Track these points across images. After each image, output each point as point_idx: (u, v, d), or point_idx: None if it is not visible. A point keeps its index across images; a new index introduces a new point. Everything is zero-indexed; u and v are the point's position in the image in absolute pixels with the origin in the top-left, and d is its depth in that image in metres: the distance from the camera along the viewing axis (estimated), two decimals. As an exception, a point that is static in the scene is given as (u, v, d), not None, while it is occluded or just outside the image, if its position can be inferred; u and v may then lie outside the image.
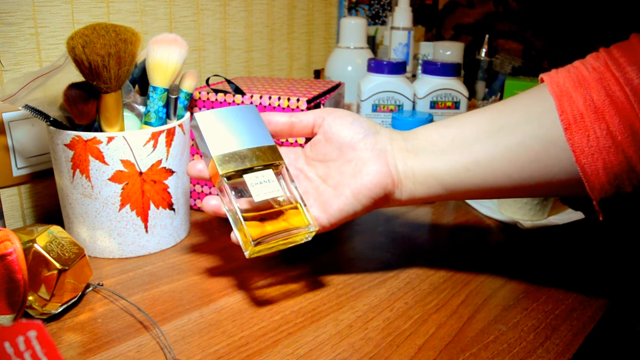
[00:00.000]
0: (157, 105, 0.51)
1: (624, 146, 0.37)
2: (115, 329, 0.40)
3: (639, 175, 0.38)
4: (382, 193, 0.44)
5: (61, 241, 0.42)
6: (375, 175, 0.44)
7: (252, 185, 0.43)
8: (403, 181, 0.45)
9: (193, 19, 0.75)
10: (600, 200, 0.39)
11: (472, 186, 0.43)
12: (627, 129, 0.37)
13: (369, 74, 0.75)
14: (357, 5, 1.03)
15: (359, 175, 0.44)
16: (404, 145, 0.45)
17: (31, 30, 0.58)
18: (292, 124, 0.47)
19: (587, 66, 0.40)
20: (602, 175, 0.38)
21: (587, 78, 0.39)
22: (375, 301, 0.45)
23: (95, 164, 0.48)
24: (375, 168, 0.44)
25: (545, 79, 0.42)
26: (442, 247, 0.56)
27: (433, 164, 0.44)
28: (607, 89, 0.38)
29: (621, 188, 0.38)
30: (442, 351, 0.39)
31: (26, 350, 0.23)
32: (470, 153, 0.43)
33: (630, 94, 0.37)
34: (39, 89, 0.50)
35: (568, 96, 0.39)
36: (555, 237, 0.58)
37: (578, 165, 0.39)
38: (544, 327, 0.42)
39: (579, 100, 0.39)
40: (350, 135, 0.45)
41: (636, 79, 0.37)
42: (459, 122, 0.45)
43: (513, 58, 1.03)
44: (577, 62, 0.42)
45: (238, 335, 0.40)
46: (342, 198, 0.45)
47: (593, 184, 0.39)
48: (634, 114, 0.37)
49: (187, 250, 0.53)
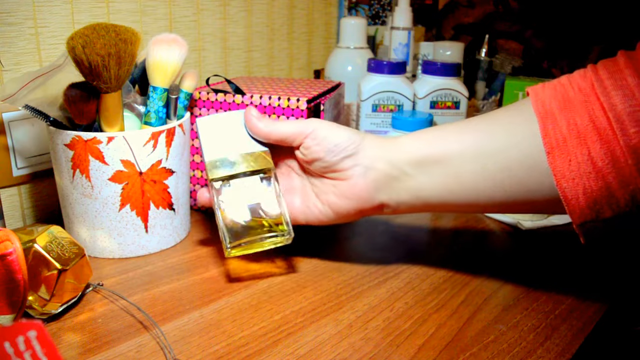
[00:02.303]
0: (157, 105, 0.51)
1: (604, 172, 0.37)
2: (115, 329, 0.40)
3: (618, 201, 0.37)
4: (360, 214, 0.47)
5: (61, 241, 0.42)
6: (355, 199, 0.46)
7: (238, 189, 0.47)
8: (385, 202, 0.46)
9: (193, 19, 0.75)
10: (580, 224, 0.39)
11: (454, 205, 0.45)
12: (608, 156, 0.37)
13: (369, 74, 0.75)
14: (357, 5, 1.03)
15: (339, 196, 0.46)
16: (387, 169, 0.45)
17: (31, 30, 0.58)
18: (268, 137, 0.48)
19: (573, 86, 0.40)
20: (582, 200, 0.38)
21: (573, 100, 0.39)
22: (375, 301, 0.45)
23: (95, 164, 0.48)
24: (355, 192, 0.45)
25: (531, 95, 0.42)
26: (442, 247, 0.56)
27: (418, 186, 0.44)
28: (590, 114, 0.38)
29: (601, 213, 0.38)
30: (442, 351, 0.39)
31: (26, 350, 0.23)
32: (455, 176, 0.43)
33: (613, 120, 0.37)
34: (39, 88, 0.50)
35: (552, 118, 0.39)
36: (555, 237, 0.58)
37: (559, 189, 0.39)
38: (544, 327, 0.42)
39: (562, 124, 0.39)
40: (328, 161, 0.46)
41: (620, 105, 0.37)
42: (443, 141, 0.44)
43: (513, 58, 1.03)
44: (564, 78, 0.41)
45: (238, 335, 0.40)
46: (321, 208, 0.47)
47: (573, 207, 0.39)
48: (616, 140, 0.36)
49: (187, 250, 0.53)
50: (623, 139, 0.36)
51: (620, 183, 0.37)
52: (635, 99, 0.36)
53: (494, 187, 0.42)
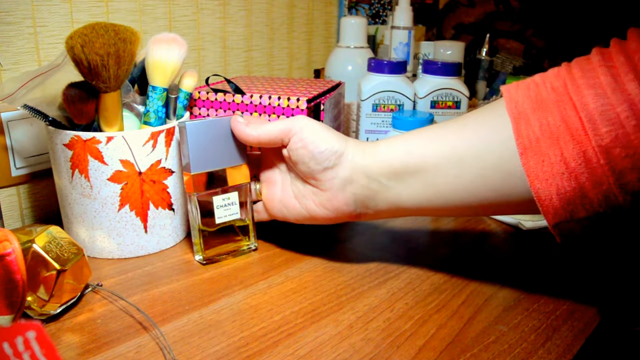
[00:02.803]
0: (156, 104, 0.51)
1: (577, 173, 0.37)
2: (115, 330, 0.40)
3: (592, 202, 0.37)
4: (337, 221, 0.48)
5: (60, 241, 0.42)
6: (333, 211, 0.47)
7: (217, 207, 0.49)
8: (363, 213, 0.47)
9: (192, 18, 0.75)
10: (555, 224, 0.39)
11: (432, 211, 0.45)
12: (581, 156, 0.36)
13: (369, 74, 0.75)
14: (358, 4, 1.03)
15: (318, 205, 0.47)
16: (365, 183, 0.45)
17: (30, 29, 0.58)
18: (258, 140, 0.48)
19: (546, 85, 0.40)
20: (556, 201, 0.38)
21: (546, 100, 0.39)
22: (375, 302, 0.45)
23: (94, 164, 0.48)
24: (333, 204, 0.46)
25: (505, 96, 0.41)
26: (442, 248, 0.56)
27: (395, 197, 0.45)
28: (563, 114, 0.37)
29: (575, 213, 0.38)
30: (442, 352, 0.39)
31: (25, 351, 0.22)
32: (432, 186, 0.43)
33: (585, 119, 0.36)
34: (38, 88, 0.49)
35: (525, 119, 0.39)
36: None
37: (532, 190, 0.38)
38: (545, 328, 0.42)
39: (535, 125, 0.38)
40: (310, 167, 0.46)
41: (592, 104, 0.36)
42: (419, 149, 0.44)
43: (514, 57, 1.03)
44: (538, 77, 0.41)
45: (238, 335, 0.40)
46: (299, 210, 0.48)
47: (547, 208, 0.38)
48: (588, 140, 0.36)
49: (186, 251, 0.53)
50: (595, 139, 0.36)
51: (593, 183, 0.36)
52: (607, 97, 0.36)
53: (471, 194, 0.42)
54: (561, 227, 0.39)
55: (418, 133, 0.45)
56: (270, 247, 0.54)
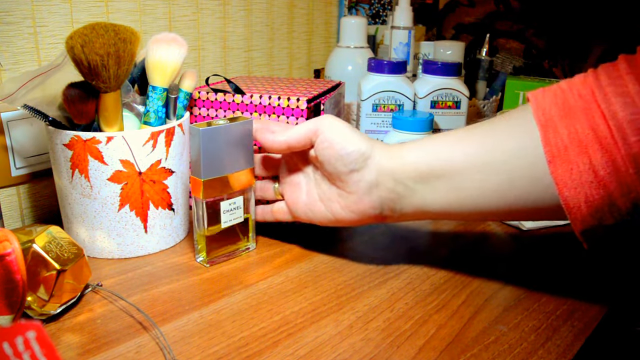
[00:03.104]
0: (156, 104, 0.51)
1: (605, 181, 0.37)
2: (115, 330, 0.40)
3: (620, 209, 0.37)
4: (361, 223, 0.48)
5: (60, 241, 0.42)
6: (359, 214, 0.47)
7: (224, 212, 0.49)
8: (388, 215, 0.46)
9: (192, 18, 0.75)
10: (583, 231, 0.39)
11: (457, 215, 0.45)
12: (610, 165, 0.36)
13: (369, 74, 0.75)
14: (358, 4, 1.03)
15: (344, 208, 0.47)
16: (391, 186, 0.45)
17: (30, 29, 0.58)
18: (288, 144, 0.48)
19: (573, 92, 0.40)
20: (584, 209, 0.38)
21: (573, 107, 0.39)
22: (375, 302, 0.45)
23: (94, 164, 0.48)
24: (359, 207, 0.46)
25: (532, 103, 0.41)
26: (443, 247, 0.56)
27: (421, 201, 0.45)
28: (591, 122, 0.37)
29: (603, 220, 0.38)
30: (442, 352, 0.39)
31: (25, 351, 0.22)
32: (458, 191, 0.43)
33: (614, 128, 0.36)
34: (38, 88, 0.49)
35: (553, 127, 0.39)
36: (557, 237, 0.58)
37: (561, 198, 0.38)
38: (545, 328, 0.42)
39: (563, 132, 0.38)
40: (337, 168, 0.46)
41: (621, 112, 0.36)
42: (448, 151, 0.44)
43: (514, 57, 1.03)
44: (564, 83, 0.41)
45: (238, 336, 0.40)
46: (324, 213, 0.48)
47: (575, 215, 0.39)
48: (617, 149, 0.36)
49: (186, 251, 0.53)
50: (624, 148, 0.36)
51: (622, 191, 0.37)
52: (636, 106, 0.36)
53: (497, 199, 0.42)
54: (588, 233, 0.39)
55: (444, 136, 0.45)
56: (270, 247, 0.54)
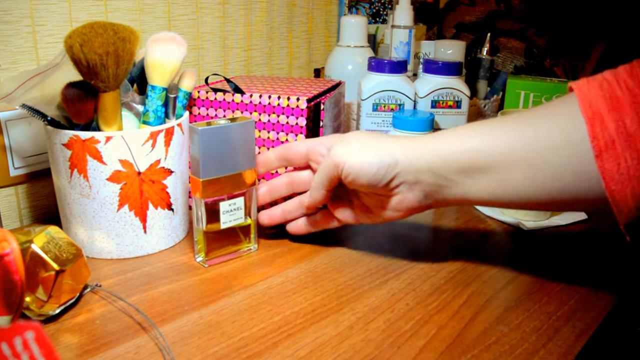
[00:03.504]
0: (155, 104, 0.51)
1: None
2: (114, 331, 0.40)
3: None
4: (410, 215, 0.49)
5: (59, 242, 0.42)
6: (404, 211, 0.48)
7: (224, 212, 0.49)
8: (431, 205, 0.47)
9: (192, 17, 0.75)
10: (627, 224, 0.39)
11: (499, 204, 0.46)
12: None
13: (369, 73, 0.75)
14: (358, 3, 1.02)
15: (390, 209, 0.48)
16: (433, 180, 0.45)
17: (28, 28, 0.57)
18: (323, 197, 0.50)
19: (620, 85, 0.39)
20: (630, 201, 0.38)
21: (621, 100, 0.38)
22: (375, 302, 0.44)
23: (93, 163, 0.47)
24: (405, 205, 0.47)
25: (578, 95, 0.40)
26: (443, 248, 0.55)
27: (464, 191, 0.45)
28: None
29: None
30: (443, 352, 0.38)
31: (24, 352, 0.22)
32: (501, 182, 0.43)
33: None
34: (36, 87, 0.49)
35: (600, 120, 0.39)
36: (558, 237, 0.58)
37: (607, 192, 0.38)
38: (546, 329, 0.42)
39: (611, 126, 0.38)
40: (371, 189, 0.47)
41: None
42: (489, 147, 0.43)
43: (515, 57, 1.03)
44: (609, 74, 0.40)
45: (237, 336, 0.40)
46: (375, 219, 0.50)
47: (621, 208, 0.39)
48: None
49: (186, 251, 0.53)
50: None
51: None
52: None
53: (540, 192, 0.42)
54: (632, 226, 0.39)
55: (481, 129, 0.45)
56: (270, 248, 0.53)
